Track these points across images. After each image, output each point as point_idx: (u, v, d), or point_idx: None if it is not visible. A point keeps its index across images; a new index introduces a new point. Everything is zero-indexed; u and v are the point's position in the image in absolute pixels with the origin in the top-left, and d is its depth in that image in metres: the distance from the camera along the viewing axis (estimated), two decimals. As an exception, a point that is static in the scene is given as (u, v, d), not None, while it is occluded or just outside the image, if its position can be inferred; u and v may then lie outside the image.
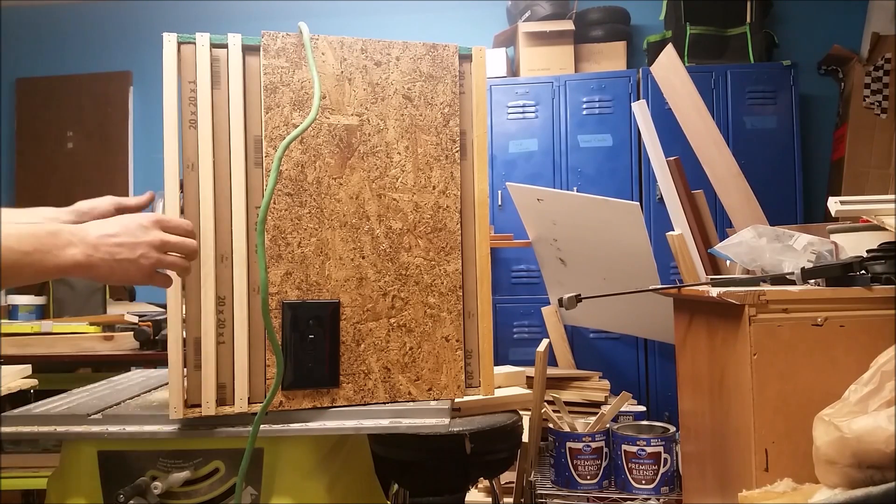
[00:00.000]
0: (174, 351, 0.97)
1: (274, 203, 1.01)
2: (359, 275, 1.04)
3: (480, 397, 1.85)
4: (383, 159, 1.05)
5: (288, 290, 1.01)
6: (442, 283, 1.07)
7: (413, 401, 1.05)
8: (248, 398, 1.00)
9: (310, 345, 1.01)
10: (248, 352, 1.00)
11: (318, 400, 1.02)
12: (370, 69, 1.05)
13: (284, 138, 1.00)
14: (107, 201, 1.02)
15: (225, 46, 1.00)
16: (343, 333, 1.03)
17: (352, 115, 1.04)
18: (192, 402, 0.99)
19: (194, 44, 0.99)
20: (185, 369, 0.98)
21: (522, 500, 2.03)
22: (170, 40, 0.99)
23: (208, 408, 0.98)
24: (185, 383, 0.98)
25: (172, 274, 0.92)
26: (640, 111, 2.04)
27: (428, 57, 1.08)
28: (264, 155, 1.00)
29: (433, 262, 1.07)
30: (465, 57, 1.11)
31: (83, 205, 1.01)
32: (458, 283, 1.08)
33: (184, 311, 0.98)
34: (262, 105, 1.01)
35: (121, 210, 1.02)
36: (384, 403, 1.04)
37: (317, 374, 1.02)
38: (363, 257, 1.04)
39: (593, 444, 2.01)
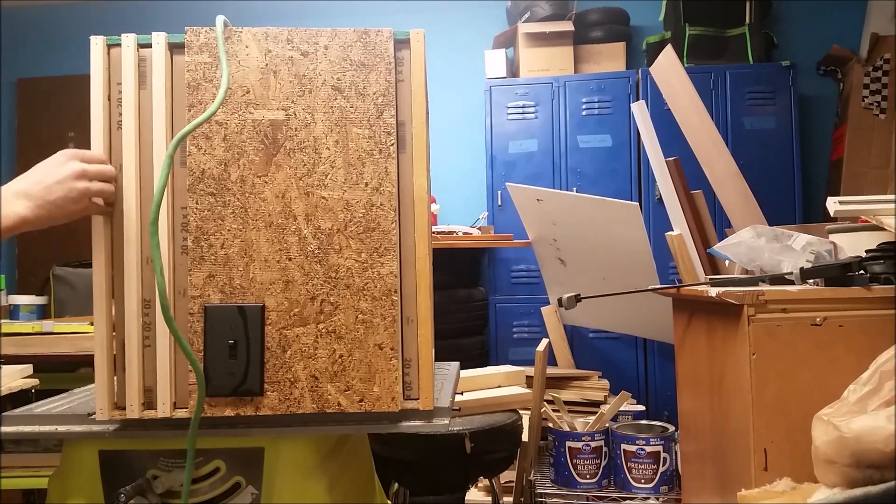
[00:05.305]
0: (100, 352, 0.96)
1: (196, 203, 0.97)
2: (285, 277, 0.99)
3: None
4: (311, 155, 1.00)
5: (210, 294, 0.97)
6: (375, 286, 1.00)
7: (343, 412, 0.99)
8: (175, 403, 0.97)
9: (232, 351, 0.97)
10: (172, 356, 0.97)
11: (242, 408, 0.97)
12: (297, 60, 1.00)
13: (209, 136, 0.97)
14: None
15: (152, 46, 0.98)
16: (268, 339, 0.98)
17: (277, 109, 0.99)
18: (120, 405, 0.97)
19: (121, 45, 0.98)
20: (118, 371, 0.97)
21: (522, 500, 2.03)
22: (97, 43, 0.97)
23: (132, 411, 0.96)
24: (116, 385, 0.98)
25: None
26: (640, 112, 2.04)
27: (359, 44, 1.01)
28: (188, 154, 0.98)
29: (366, 265, 1.00)
30: (403, 42, 1.03)
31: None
32: (393, 286, 1.00)
33: (114, 312, 0.97)
34: (186, 102, 0.98)
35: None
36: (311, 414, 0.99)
37: (239, 382, 0.96)
38: (290, 259, 0.99)
39: (593, 444, 2.01)
